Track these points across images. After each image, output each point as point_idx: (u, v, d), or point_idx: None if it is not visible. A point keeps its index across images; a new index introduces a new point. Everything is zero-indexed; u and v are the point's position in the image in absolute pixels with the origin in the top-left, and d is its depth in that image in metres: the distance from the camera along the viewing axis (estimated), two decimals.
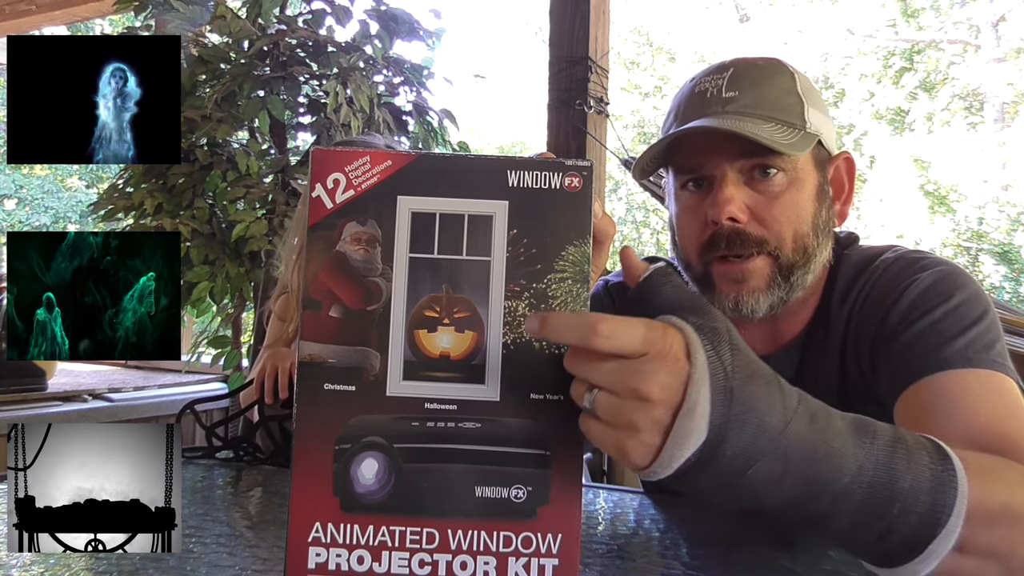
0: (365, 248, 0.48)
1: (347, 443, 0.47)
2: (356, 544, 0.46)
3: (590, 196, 0.48)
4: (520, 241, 0.48)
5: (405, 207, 0.48)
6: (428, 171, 0.48)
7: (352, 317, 0.48)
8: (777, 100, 0.78)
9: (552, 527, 0.46)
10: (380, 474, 0.47)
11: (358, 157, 0.48)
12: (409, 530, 0.47)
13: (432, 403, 0.47)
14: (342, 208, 0.48)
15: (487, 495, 0.47)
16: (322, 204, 0.48)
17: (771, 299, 0.78)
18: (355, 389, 0.47)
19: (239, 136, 2.55)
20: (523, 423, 0.47)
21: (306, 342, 0.47)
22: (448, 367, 0.47)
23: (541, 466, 0.47)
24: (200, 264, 2.26)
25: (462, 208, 0.48)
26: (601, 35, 2.28)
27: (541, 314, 0.44)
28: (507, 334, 0.47)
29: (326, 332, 0.48)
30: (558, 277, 0.48)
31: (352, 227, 0.48)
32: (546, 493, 0.47)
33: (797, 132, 0.77)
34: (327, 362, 0.47)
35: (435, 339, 0.48)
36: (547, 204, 0.48)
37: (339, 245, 0.48)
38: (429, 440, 0.47)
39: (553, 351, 0.47)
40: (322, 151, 0.49)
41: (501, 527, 0.47)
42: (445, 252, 0.48)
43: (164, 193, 2.33)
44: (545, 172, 0.48)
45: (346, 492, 0.47)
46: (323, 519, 0.47)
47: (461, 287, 0.48)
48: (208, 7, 2.44)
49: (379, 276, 0.48)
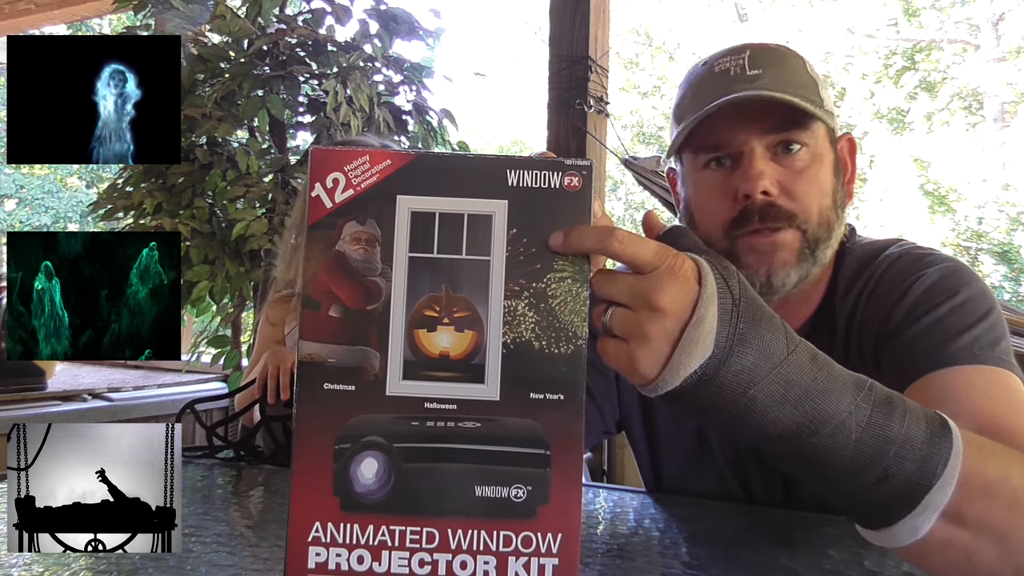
0: (365, 247, 0.48)
1: (347, 443, 0.47)
2: (356, 544, 0.46)
3: (590, 195, 0.48)
4: (520, 240, 0.48)
5: (405, 206, 0.48)
6: (427, 170, 0.49)
7: (352, 317, 0.48)
8: (797, 78, 0.80)
9: (552, 526, 0.47)
10: (380, 474, 0.47)
11: (357, 156, 0.48)
12: (409, 530, 0.47)
13: (432, 403, 0.47)
14: (341, 207, 0.48)
15: (487, 495, 0.47)
16: (321, 203, 0.48)
17: (800, 272, 0.79)
18: (355, 389, 0.47)
19: (239, 135, 2.55)
20: (523, 422, 0.47)
21: (305, 341, 0.47)
22: (448, 366, 0.48)
23: (541, 465, 0.47)
24: (200, 263, 2.26)
25: (462, 207, 0.48)
26: (601, 34, 2.28)
27: (563, 229, 0.47)
28: (507, 333, 0.47)
29: (326, 332, 0.47)
30: (558, 276, 0.48)
31: (351, 226, 0.48)
32: (546, 492, 0.47)
33: (819, 108, 0.79)
34: (327, 362, 0.47)
35: (435, 338, 0.48)
36: (547, 203, 0.48)
37: (338, 244, 0.48)
38: (429, 440, 0.47)
39: (553, 350, 0.47)
40: (321, 150, 0.49)
41: (501, 527, 0.47)
42: (445, 251, 0.48)
43: (164, 192, 2.33)
44: (545, 171, 0.48)
45: (346, 492, 0.47)
46: (323, 519, 0.47)
47: (461, 286, 0.48)
48: (208, 6, 2.44)
49: (379, 276, 0.48)
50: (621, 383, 0.95)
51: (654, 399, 0.49)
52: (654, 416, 0.94)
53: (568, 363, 0.47)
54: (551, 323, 0.48)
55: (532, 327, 0.48)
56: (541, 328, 0.48)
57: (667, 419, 0.93)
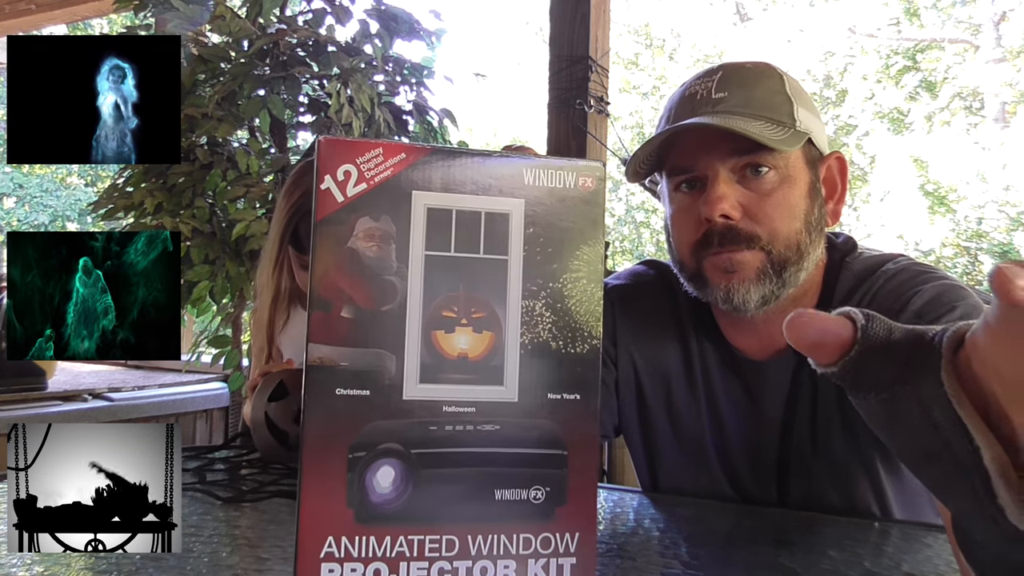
0: (379, 245, 0.45)
1: (362, 450, 0.45)
2: (372, 557, 0.44)
3: (603, 197, 0.48)
4: (536, 240, 0.47)
5: (420, 202, 0.46)
6: (443, 165, 0.47)
7: (365, 318, 0.45)
8: (766, 100, 0.80)
9: (570, 526, 0.46)
10: (397, 482, 0.45)
11: (370, 148, 0.46)
12: (428, 538, 0.45)
13: (450, 406, 0.46)
14: (354, 202, 0.45)
15: (506, 497, 0.46)
16: (332, 197, 0.45)
17: (762, 291, 0.79)
18: (369, 393, 0.45)
19: (239, 135, 2.55)
20: (541, 423, 0.46)
21: (315, 344, 0.45)
22: (466, 368, 0.46)
23: (559, 466, 0.46)
24: (200, 263, 2.26)
25: (479, 205, 0.47)
26: (601, 34, 2.28)
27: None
28: (524, 334, 0.46)
29: (337, 334, 0.45)
30: (573, 277, 0.47)
31: (365, 222, 0.46)
32: (564, 493, 0.46)
33: (787, 130, 0.78)
34: (339, 365, 0.45)
35: (453, 340, 0.46)
36: (562, 204, 0.48)
37: (350, 241, 0.45)
38: (447, 444, 0.45)
39: (570, 350, 0.47)
40: (331, 140, 0.46)
41: (520, 529, 0.46)
42: (462, 250, 0.46)
43: (164, 192, 2.32)
44: (560, 172, 0.48)
45: (361, 502, 0.44)
46: (336, 533, 0.44)
47: (478, 286, 0.46)
48: (208, 6, 2.44)
49: (393, 274, 0.46)
50: (620, 389, 0.96)
51: (653, 402, 0.49)
52: (652, 422, 0.94)
53: (584, 363, 0.47)
54: (568, 323, 0.47)
55: (549, 327, 0.47)
56: (558, 328, 0.47)
57: (664, 426, 0.93)
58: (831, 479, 0.83)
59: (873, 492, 0.83)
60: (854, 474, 0.82)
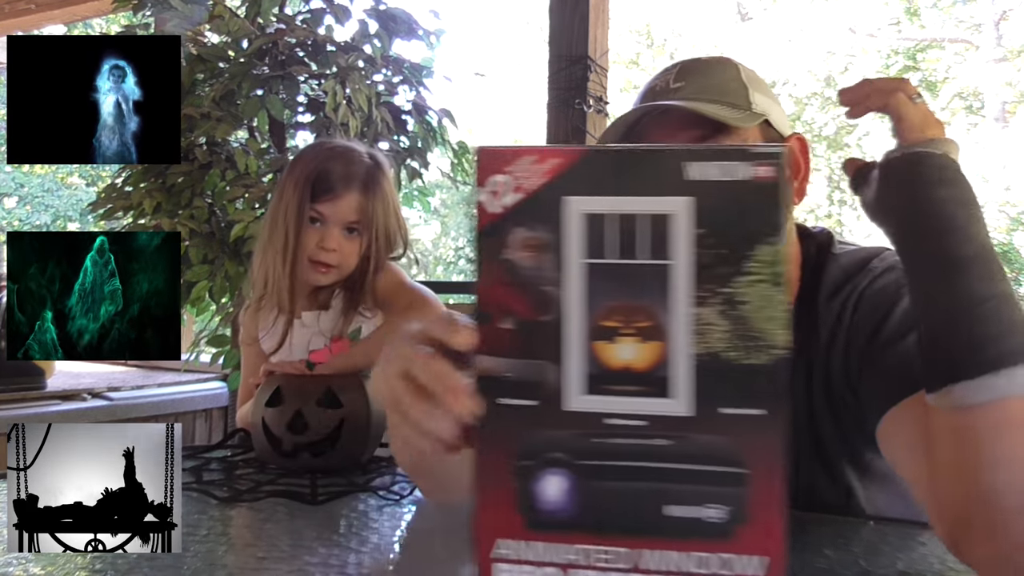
0: (536, 254, 0.44)
1: (528, 459, 0.45)
2: (544, 561, 0.45)
3: (783, 187, 0.44)
4: (704, 241, 0.44)
5: (576, 208, 0.44)
6: (599, 167, 0.45)
7: (526, 328, 0.45)
8: (722, 86, 0.83)
9: (753, 548, 0.44)
10: (564, 492, 0.45)
11: (524, 155, 0.45)
12: (599, 548, 0.45)
13: (614, 418, 0.45)
14: (510, 212, 0.45)
15: (678, 514, 0.44)
16: (489, 207, 0.45)
17: None
18: (532, 404, 0.45)
19: (238, 135, 2.55)
20: (715, 439, 0.44)
21: (479, 355, 0.46)
22: (631, 380, 0.44)
23: (736, 484, 0.44)
24: (199, 263, 2.27)
25: (639, 207, 0.44)
26: (600, 34, 2.28)
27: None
28: (694, 344, 0.44)
29: (499, 345, 0.45)
30: (749, 280, 0.43)
31: (521, 232, 0.45)
32: (743, 512, 0.44)
33: (743, 112, 0.81)
34: (503, 376, 0.45)
35: (616, 350, 0.44)
36: (733, 198, 0.43)
37: (507, 252, 0.45)
38: (614, 457, 0.45)
39: (746, 361, 0.44)
40: (489, 150, 0.45)
41: (695, 547, 0.44)
42: (622, 256, 0.44)
43: (163, 192, 2.33)
44: (730, 162, 0.44)
45: (530, 509, 0.45)
46: (507, 536, 0.45)
47: (640, 294, 0.44)
48: (206, 6, 2.44)
49: (552, 284, 0.45)
50: None
51: None
52: None
53: (766, 375, 0.44)
54: (744, 332, 0.43)
55: (722, 336, 0.44)
56: (733, 337, 0.44)
57: None
58: (824, 477, 0.84)
59: (862, 491, 0.83)
60: (843, 472, 0.83)
